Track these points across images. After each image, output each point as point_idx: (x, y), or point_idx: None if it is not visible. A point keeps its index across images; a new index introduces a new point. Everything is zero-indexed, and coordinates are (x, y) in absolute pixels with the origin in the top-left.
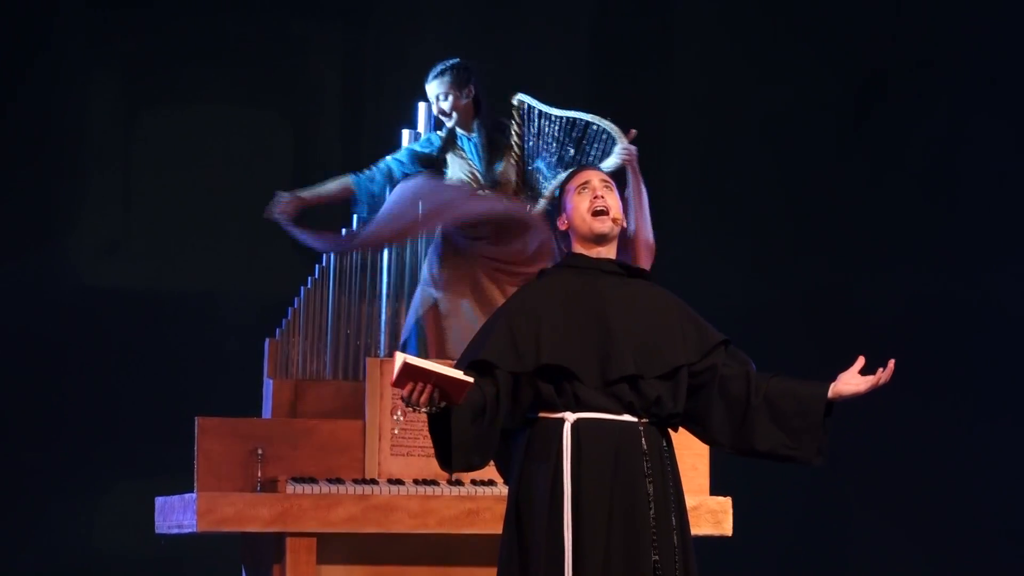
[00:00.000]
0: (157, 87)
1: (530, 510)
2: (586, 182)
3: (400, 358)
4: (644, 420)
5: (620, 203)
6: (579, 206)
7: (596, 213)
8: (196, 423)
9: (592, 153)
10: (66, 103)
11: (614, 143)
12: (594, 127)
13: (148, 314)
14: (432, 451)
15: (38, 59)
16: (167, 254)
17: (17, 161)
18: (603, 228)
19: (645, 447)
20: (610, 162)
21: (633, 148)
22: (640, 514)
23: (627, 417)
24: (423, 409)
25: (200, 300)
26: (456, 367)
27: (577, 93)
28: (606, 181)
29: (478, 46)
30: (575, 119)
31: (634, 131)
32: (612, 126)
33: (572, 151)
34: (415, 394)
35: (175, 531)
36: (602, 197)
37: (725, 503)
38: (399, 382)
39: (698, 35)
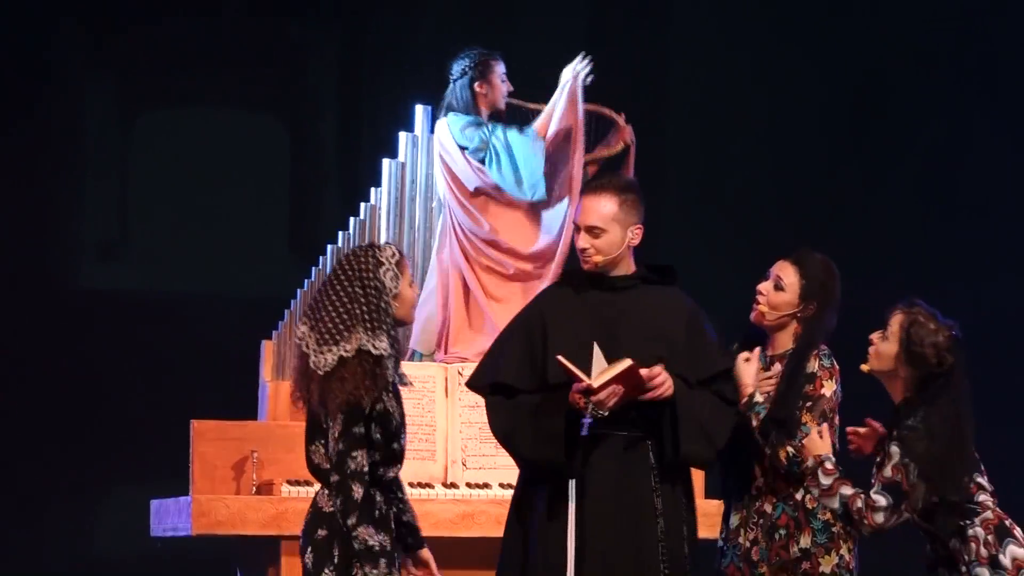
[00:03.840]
0: (153, 91)
1: (532, 524)
2: (576, 225)
3: (627, 362)
4: (650, 435)
5: (613, 238)
6: (574, 240)
7: (579, 253)
8: (191, 426)
9: (591, 136)
10: (63, 106)
11: (614, 126)
12: (591, 114)
13: (144, 317)
14: (427, 455)
15: (35, 63)
16: (163, 257)
17: (14, 164)
18: (586, 267)
19: (653, 462)
20: (618, 146)
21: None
22: (647, 528)
23: (631, 432)
24: (604, 413)
25: (196, 303)
26: (475, 376)
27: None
28: (593, 227)
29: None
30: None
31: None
32: (609, 111)
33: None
34: (613, 398)
35: (170, 534)
36: (585, 249)
37: (720, 507)
38: (607, 384)
39: (695, 40)
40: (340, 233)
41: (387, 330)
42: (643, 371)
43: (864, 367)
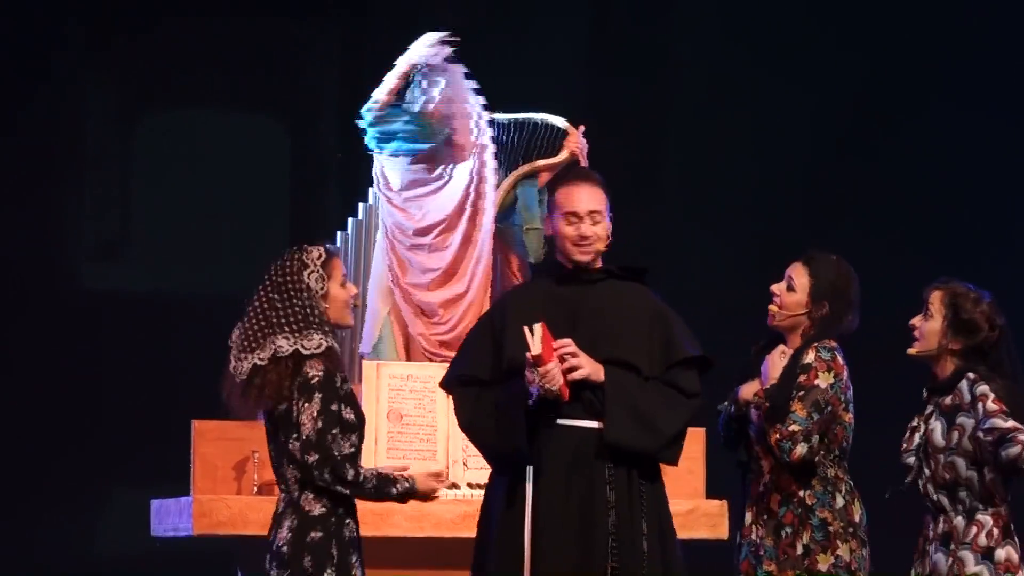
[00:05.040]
0: (154, 91)
1: (493, 515)
2: (575, 214)
3: (538, 325)
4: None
5: (607, 225)
6: (565, 232)
7: (580, 244)
8: (192, 427)
9: (541, 148)
10: (64, 107)
11: (563, 135)
12: (541, 124)
13: (145, 317)
14: (428, 455)
15: (36, 64)
16: (164, 257)
17: (16, 165)
18: (585, 258)
19: (607, 452)
20: (562, 155)
21: (583, 140)
22: (597, 519)
23: (587, 423)
24: (553, 389)
25: (197, 303)
26: (446, 374)
27: (575, 99)
28: (596, 212)
29: (476, 49)
30: (524, 120)
31: (583, 126)
32: (562, 120)
33: (522, 153)
34: (556, 370)
35: (171, 534)
36: (589, 236)
37: (721, 506)
38: (544, 355)
39: (696, 42)
40: (339, 234)
41: (319, 327)
42: (555, 343)
43: (911, 351)
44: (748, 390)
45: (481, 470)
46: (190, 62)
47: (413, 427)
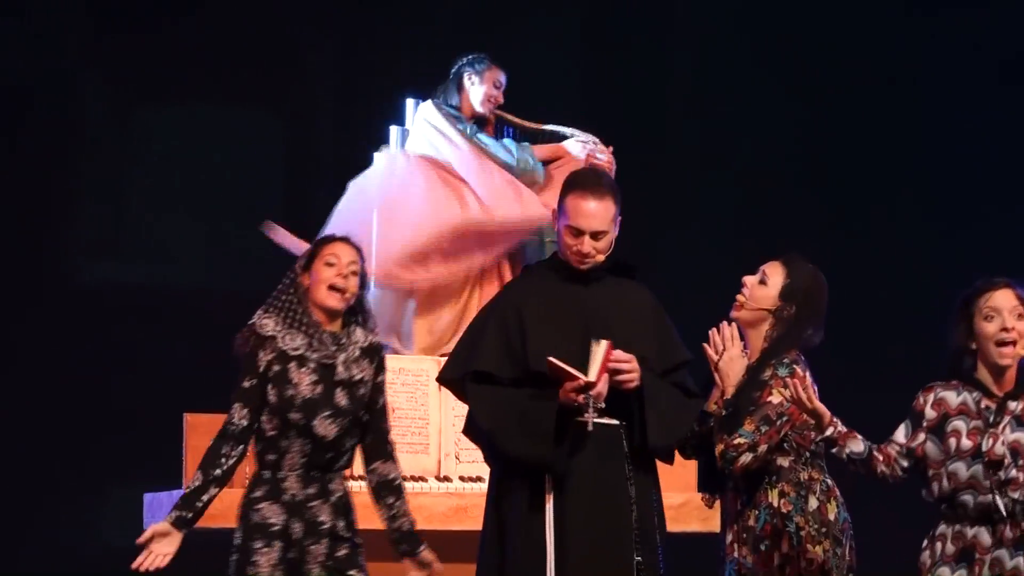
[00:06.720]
0: (151, 87)
1: (509, 519)
2: (579, 230)
3: (605, 343)
4: (624, 424)
5: (612, 236)
6: (567, 242)
7: (577, 256)
8: (184, 420)
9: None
10: (61, 104)
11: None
12: (568, 135)
13: (140, 312)
14: (420, 449)
15: (33, 59)
16: (159, 253)
17: (12, 159)
18: (582, 268)
19: (627, 450)
20: (576, 154)
21: (604, 158)
22: (623, 517)
23: (607, 420)
24: (602, 405)
25: (191, 297)
26: (447, 369)
27: (571, 98)
28: (600, 232)
29: (472, 47)
30: (552, 131)
31: (611, 148)
32: (590, 137)
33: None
34: (605, 386)
35: None
36: (588, 253)
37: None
38: (600, 374)
39: (693, 39)
40: None
41: (277, 311)
42: (615, 357)
43: (1016, 356)
44: (711, 401)
45: (473, 463)
46: (187, 58)
47: (405, 420)
